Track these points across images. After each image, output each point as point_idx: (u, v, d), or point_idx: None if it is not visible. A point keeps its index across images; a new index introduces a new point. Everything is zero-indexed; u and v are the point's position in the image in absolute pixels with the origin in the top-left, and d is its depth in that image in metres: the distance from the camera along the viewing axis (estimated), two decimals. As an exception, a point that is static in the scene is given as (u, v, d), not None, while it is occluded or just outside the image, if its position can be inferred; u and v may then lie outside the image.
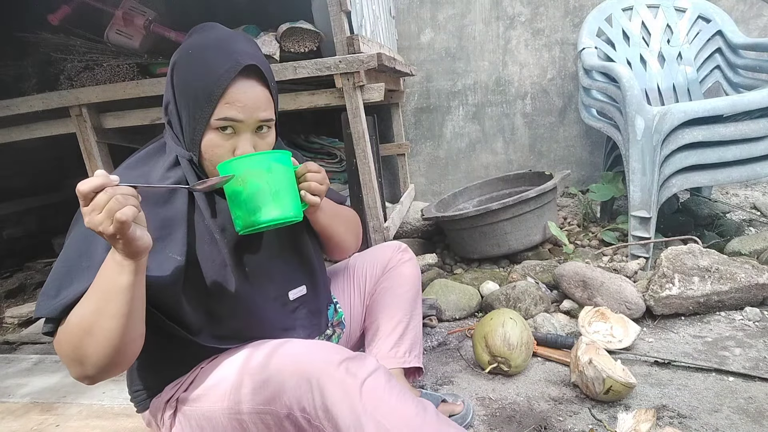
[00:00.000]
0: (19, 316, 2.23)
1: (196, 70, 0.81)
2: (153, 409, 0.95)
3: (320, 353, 0.82)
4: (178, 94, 0.83)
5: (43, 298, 0.77)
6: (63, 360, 0.78)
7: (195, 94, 0.81)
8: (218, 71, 0.80)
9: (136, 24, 2.17)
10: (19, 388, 1.48)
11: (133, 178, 0.82)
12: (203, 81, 0.80)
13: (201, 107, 0.81)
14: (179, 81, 0.83)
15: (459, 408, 1.24)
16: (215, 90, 0.80)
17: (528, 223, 2.13)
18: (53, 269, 0.79)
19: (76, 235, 0.80)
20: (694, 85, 2.55)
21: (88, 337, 0.71)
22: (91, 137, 1.97)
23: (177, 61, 0.84)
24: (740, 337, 1.50)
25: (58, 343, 0.77)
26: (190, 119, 0.83)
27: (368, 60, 1.65)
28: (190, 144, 0.84)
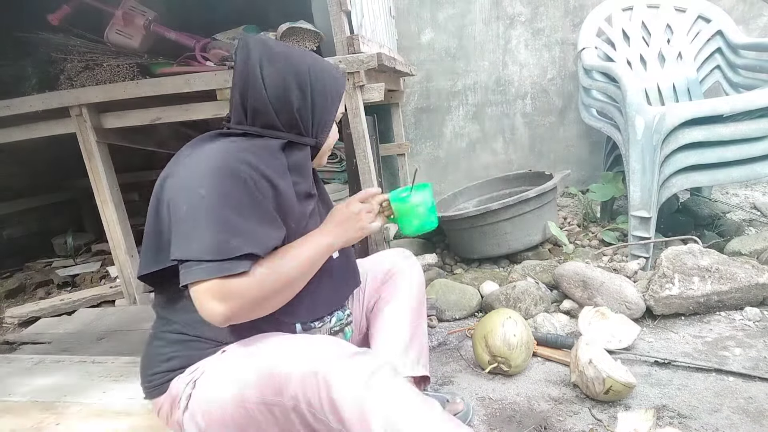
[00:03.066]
0: (19, 316, 2.23)
1: (327, 76, 1.02)
2: (174, 390, 0.95)
3: (328, 347, 0.84)
4: (315, 95, 1.00)
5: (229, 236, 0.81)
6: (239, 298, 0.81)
7: (330, 94, 1.03)
8: (339, 78, 1.06)
9: (136, 24, 2.17)
10: (19, 387, 1.48)
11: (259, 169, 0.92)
12: (334, 84, 1.04)
13: (334, 104, 1.04)
14: (317, 84, 1.00)
15: (461, 407, 1.24)
16: (341, 90, 1.06)
17: (528, 223, 2.13)
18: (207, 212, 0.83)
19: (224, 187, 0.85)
20: (694, 85, 2.55)
21: (288, 289, 0.89)
22: (91, 137, 1.97)
23: (310, 70, 0.99)
24: (740, 337, 1.50)
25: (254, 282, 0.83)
26: (324, 114, 1.03)
27: (368, 60, 1.65)
28: (321, 132, 1.04)
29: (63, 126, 2.01)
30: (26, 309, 2.28)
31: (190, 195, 0.84)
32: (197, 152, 0.91)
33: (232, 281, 0.81)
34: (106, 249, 2.92)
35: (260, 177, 0.90)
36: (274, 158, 0.96)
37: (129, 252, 2.11)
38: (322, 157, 1.11)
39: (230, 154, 0.89)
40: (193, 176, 0.86)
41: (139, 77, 2.04)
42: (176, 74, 1.94)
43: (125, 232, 2.10)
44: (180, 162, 0.92)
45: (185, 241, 0.82)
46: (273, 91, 0.96)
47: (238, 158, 0.89)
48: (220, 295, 0.80)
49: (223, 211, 0.83)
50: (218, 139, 0.96)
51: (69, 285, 2.68)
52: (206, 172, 0.86)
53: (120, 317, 2.06)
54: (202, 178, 0.85)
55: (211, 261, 0.80)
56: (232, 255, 0.80)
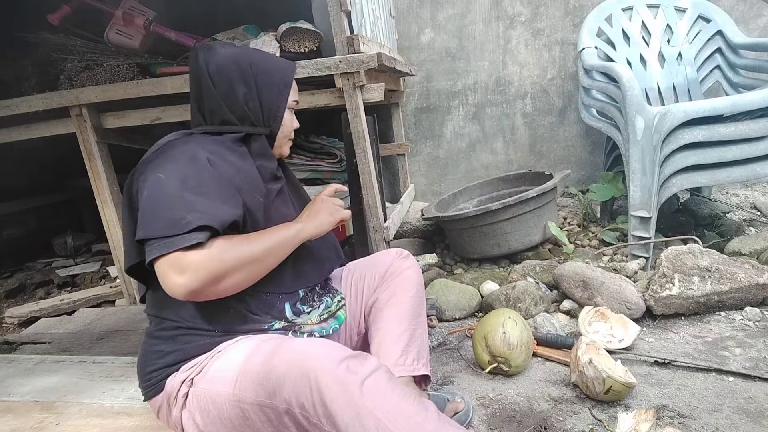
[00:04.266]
0: (19, 316, 2.23)
1: (272, 67, 1.09)
2: (169, 388, 0.96)
3: (321, 350, 0.83)
4: (260, 86, 1.07)
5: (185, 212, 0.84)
6: (197, 270, 0.83)
7: (276, 83, 1.09)
8: (287, 67, 1.12)
9: (136, 24, 2.17)
10: (20, 387, 1.48)
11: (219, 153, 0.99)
12: (281, 74, 1.10)
13: (282, 93, 1.10)
14: (261, 76, 1.07)
15: (461, 406, 1.25)
16: (289, 80, 1.11)
17: (528, 223, 2.13)
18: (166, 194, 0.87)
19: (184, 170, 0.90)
20: (694, 85, 2.55)
21: (251, 266, 0.91)
22: (91, 137, 1.97)
23: (252, 63, 1.06)
24: (740, 337, 1.50)
25: (213, 254, 0.85)
26: (272, 103, 1.08)
27: (368, 60, 1.65)
28: (273, 121, 1.10)
29: (63, 126, 2.01)
30: (26, 309, 2.28)
31: (153, 180, 0.89)
32: (161, 147, 0.98)
33: (190, 254, 0.83)
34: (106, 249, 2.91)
35: (221, 161, 0.97)
36: (234, 148, 1.03)
37: (129, 252, 2.11)
38: (282, 146, 1.16)
39: (191, 144, 0.97)
40: (156, 165, 0.92)
41: (139, 77, 2.04)
42: (176, 74, 1.94)
43: (125, 232, 2.10)
44: (145, 159, 0.97)
45: (147, 222, 0.86)
46: (221, 88, 1.03)
47: (199, 145, 0.96)
48: (179, 267, 0.82)
49: (181, 191, 0.87)
50: (180, 137, 1.01)
51: (69, 285, 2.68)
52: (166, 157, 0.93)
53: (120, 317, 2.06)
54: (164, 164, 0.91)
55: (168, 237, 0.83)
56: (186, 229, 0.83)
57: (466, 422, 1.22)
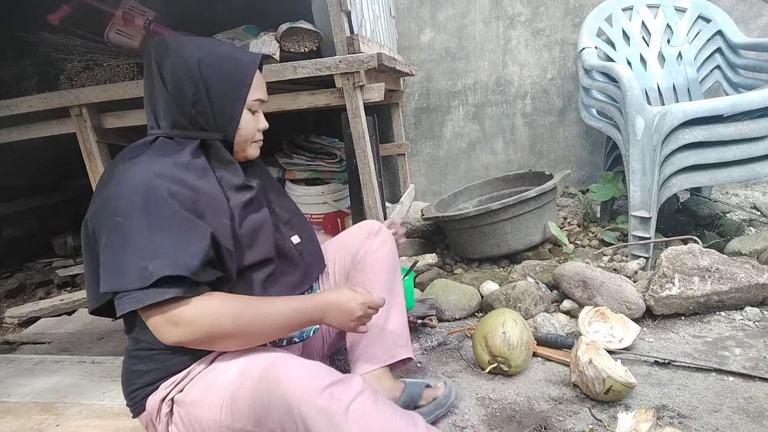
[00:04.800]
0: (19, 316, 2.23)
1: (226, 63, 0.96)
2: (150, 408, 0.95)
3: (304, 378, 0.81)
4: (210, 85, 0.94)
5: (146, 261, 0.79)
6: (192, 325, 0.81)
7: (231, 81, 0.96)
8: (245, 62, 0.98)
9: (136, 24, 2.17)
10: (20, 388, 1.48)
11: (175, 177, 0.89)
12: (236, 70, 0.97)
13: (238, 91, 0.97)
14: (211, 74, 0.94)
15: (440, 391, 1.24)
16: (248, 76, 0.98)
17: (528, 223, 2.13)
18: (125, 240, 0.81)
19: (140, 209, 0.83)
20: (694, 85, 2.55)
21: (248, 336, 0.87)
22: (91, 137, 1.97)
23: (201, 59, 0.94)
24: (740, 337, 1.50)
25: (209, 316, 0.82)
26: (226, 104, 0.96)
27: (368, 60, 1.64)
28: (227, 124, 0.97)
29: (63, 126, 2.01)
30: (26, 309, 2.28)
31: (109, 223, 0.84)
32: (113, 175, 0.89)
33: (184, 309, 0.81)
34: (106, 249, 2.91)
35: (178, 186, 0.87)
36: (191, 163, 0.93)
37: (129, 252, 2.11)
38: (246, 150, 1.04)
39: (143, 169, 0.87)
40: (110, 202, 0.85)
41: (139, 77, 2.04)
42: (176, 74, 1.94)
43: (125, 232, 2.10)
44: (99, 189, 0.91)
45: (109, 273, 0.82)
46: (170, 87, 0.93)
47: (152, 171, 0.86)
48: (173, 321, 0.81)
49: (139, 235, 0.82)
50: (131, 154, 0.93)
51: (69, 285, 2.68)
52: (120, 195, 0.84)
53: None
54: (117, 201, 0.84)
55: (137, 290, 0.79)
56: (150, 281, 0.79)
57: (447, 405, 1.22)
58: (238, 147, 1.02)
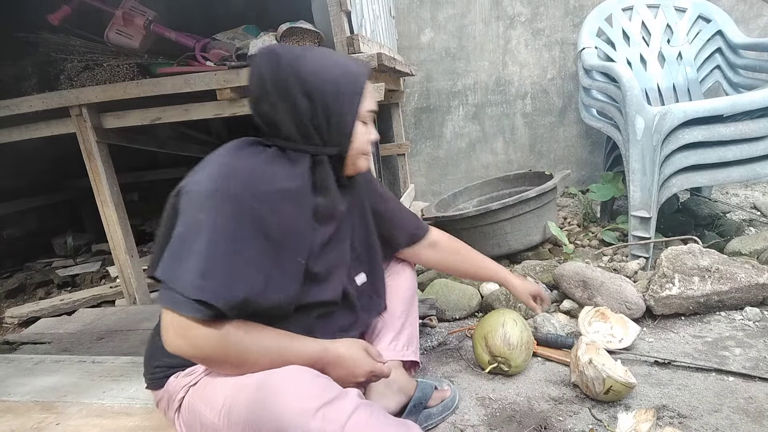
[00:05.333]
0: (19, 316, 2.23)
1: (339, 75, 0.93)
2: (171, 389, 0.96)
3: (298, 399, 0.79)
4: (326, 98, 0.92)
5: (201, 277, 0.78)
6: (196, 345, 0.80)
7: (345, 93, 0.93)
8: (357, 72, 0.96)
9: (136, 24, 2.17)
10: (20, 387, 1.48)
11: (273, 204, 0.88)
12: (349, 81, 0.94)
13: (352, 103, 0.94)
14: (326, 87, 0.92)
15: (447, 393, 1.30)
16: (359, 87, 0.95)
17: (528, 223, 2.13)
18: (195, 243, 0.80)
19: (224, 222, 0.82)
20: (694, 85, 2.55)
21: (247, 367, 0.85)
22: (91, 137, 1.97)
23: (316, 72, 0.91)
24: (740, 337, 1.50)
25: (215, 339, 0.81)
26: (341, 117, 0.94)
27: (368, 60, 1.65)
28: (342, 138, 0.96)
29: (63, 126, 2.01)
30: (26, 309, 2.28)
31: (191, 216, 0.83)
32: (217, 162, 0.88)
33: (198, 328, 0.80)
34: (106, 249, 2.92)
35: (270, 212, 0.86)
36: (294, 178, 0.92)
37: (129, 252, 2.11)
38: (356, 162, 1.02)
39: (244, 175, 0.86)
40: (202, 194, 0.84)
41: (139, 77, 2.04)
42: (176, 74, 1.94)
43: (125, 232, 2.10)
44: (197, 171, 0.89)
45: (169, 262, 0.82)
46: (282, 101, 0.91)
47: (252, 181, 0.86)
48: (180, 330, 0.80)
49: (210, 246, 0.81)
50: (244, 149, 0.93)
51: (69, 285, 2.68)
52: (213, 194, 0.83)
53: (120, 317, 2.06)
54: (206, 199, 0.83)
55: (176, 293, 0.79)
56: (192, 295, 0.78)
57: (452, 408, 1.28)
58: (350, 161, 1.00)
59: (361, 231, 1.15)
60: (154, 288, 2.37)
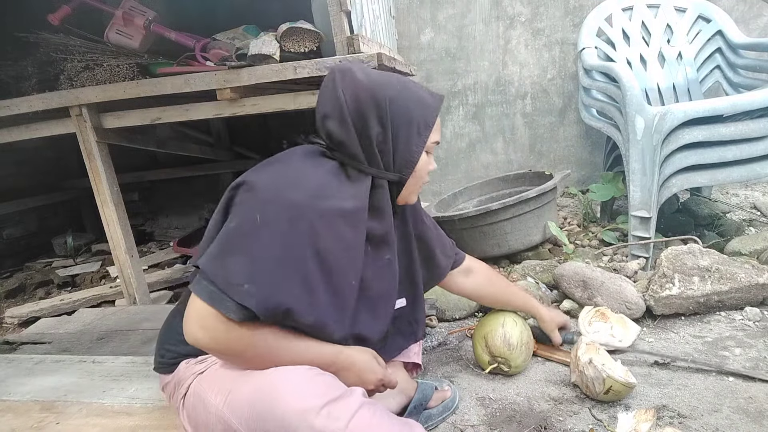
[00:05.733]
0: (19, 316, 2.23)
1: (414, 104, 0.95)
2: (181, 373, 0.97)
3: (302, 398, 0.80)
4: (398, 127, 0.94)
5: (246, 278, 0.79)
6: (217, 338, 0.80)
7: (417, 124, 0.95)
8: (431, 104, 0.97)
9: (136, 24, 2.17)
10: (20, 387, 1.48)
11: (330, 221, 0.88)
12: (422, 113, 0.96)
13: (421, 134, 0.96)
14: (400, 115, 0.93)
15: (448, 394, 1.30)
16: (431, 119, 0.97)
17: (528, 223, 2.13)
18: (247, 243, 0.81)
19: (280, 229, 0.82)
20: (694, 85, 2.55)
21: (260, 366, 0.85)
22: (91, 137, 1.97)
23: (392, 99, 0.93)
24: (740, 337, 1.50)
25: (236, 336, 0.81)
26: (409, 146, 0.95)
27: (368, 60, 1.64)
28: (405, 166, 0.97)
29: (63, 126, 2.01)
30: (26, 309, 2.28)
31: (248, 214, 0.83)
32: (283, 164, 0.89)
33: (222, 321, 0.79)
34: (106, 249, 2.92)
35: (326, 230, 0.86)
36: (355, 199, 0.91)
37: (129, 252, 2.11)
38: (411, 194, 1.03)
39: (309, 185, 0.86)
40: (263, 194, 0.84)
41: (139, 77, 2.04)
42: (176, 74, 1.94)
43: (125, 232, 2.10)
44: (262, 169, 0.89)
45: (214, 254, 0.82)
46: (355, 122, 0.91)
47: (314, 194, 0.86)
48: (205, 323, 0.80)
49: (263, 250, 0.81)
50: (312, 158, 0.93)
51: (69, 285, 2.68)
52: (275, 198, 0.83)
53: (120, 317, 2.06)
54: (268, 202, 0.83)
55: (216, 288, 0.79)
56: (235, 297, 0.78)
57: (453, 408, 1.28)
58: (407, 190, 1.01)
59: (405, 259, 1.14)
60: (153, 288, 2.37)
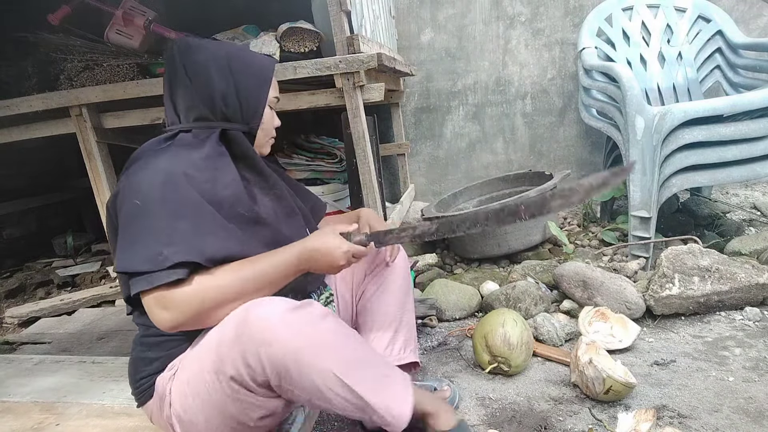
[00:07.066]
0: (19, 316, 2.23)
1: (251, 63, 1.03)
2: (159, 389, 0.97)
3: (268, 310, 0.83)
4: (239, 79, 1.00)
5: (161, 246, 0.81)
6: (180, 307, 0.82)
7: (256, 78, 1.03)
8: (266, 61, 1.06)
9: (136, 24, 2.17)
10: (20, 388, 1.48)
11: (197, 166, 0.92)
12: (260, 69, 1.04)
13: (262, 87, 1.03)
14: (240, 69, 1.00)
15: (447, 393, 1.28)
16: (268, 75, 1.05)
17: (528, 223, 2.13)
18: (142, 223, 0.84)
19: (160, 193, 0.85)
20: (694, 85, 2.55)
21: (236, 301, 0.86)
22: (91, 137, 1.97)
23: (230, 56, 1.00)
24: (740, 337, 1.50)
25: (196, 293, 0.83)
26: (252, 98, 1.02)
27: (368, 60, 1.64)
28: (252, 117, 1.03)
29: (63, 126, 2.01)
30: (26, 309, 2.28)
31: (128, 205, 0.86)
32: (136, 164, 0.93)
33: (173, 291, 0.82)
34: (106, 249, 2.92)
35: (197, 172, 0.91)
36: (213, 156, 0.96)
37: (129, 252, 2.11)
38: (263, 146, 1.10)
39: (166, 158, 0.91)
40: (131, 186, 0.87)
41: (139, 77, 2.04)
42: (176, 74, 1.94)
43: (125, 232, 2.10)
44: (121, 177, 0.93)
45: (123, 253, 0.84)
46: (197, 83, 0.97)
47: (174, 160, 0.91)
48: (162, 304, 0.82)
49: (156, 219, 0.84)
50: (153, 147, 0.97)
51: (69, 285, 2.68)
52: (142, 179, 0.87)
53: (120, 317, 2.06)
54: (138, 185, 0.87)
55: (146, 273, 0.81)
56: (164, 266, 0.81)
57: (452, 407, 1.25)
58: (258, 142, 1.07)
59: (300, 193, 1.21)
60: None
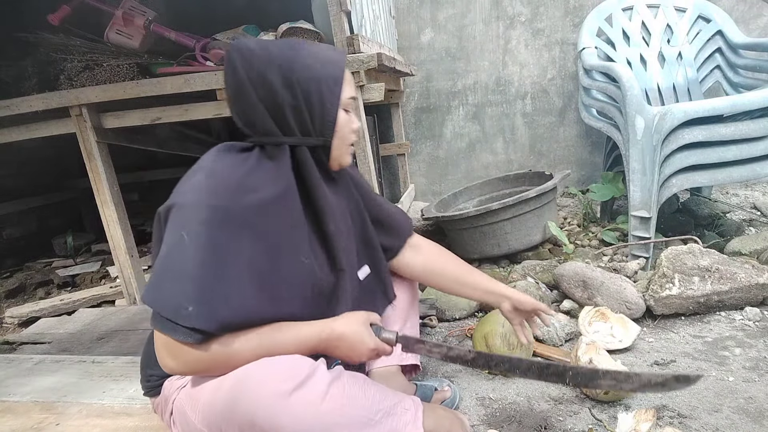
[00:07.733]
0: (19, 316, 2.23)
1: (315, 64, 0.90)
2: (166, 392, 0.98)
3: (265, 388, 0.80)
4: (306, 87, 0.88)
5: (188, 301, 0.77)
6: (186, 363, 0.81)
7: (325, 81, 0.90)
8: (335, 58, 0.92)
9: (136, 24, 2.17)
10: (20, 387, 1.48)
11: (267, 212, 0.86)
12: (327, 70, 0.90)
13: (332, 91, 0.90)
14: (305, 75, 0.88)
15: (448, 394, 1.28)
16: (339, 74, 0.91)
17: (528, 223, 2.13)
18: (180, 264, 0.79)
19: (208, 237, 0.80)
20: (694, 85, 2.55)
21: (242, 365, 0.82)
22: (91, 137, 1.97)
23: (293, 60, 0.88)
24: (740, 337, 1.50)
25: (205, 357, 0.81)
26: (323, 106, 0.90)
27: (368, 60, 1.65)
28: (325, 128, 0.92)
29: (63, 126, 2.01)
30: (26, 309, 2.28)
31: (174, 235, 0.80)
32: (202, 171, 0.86)
33: (186, 348, 0.80)
34: (106, 249, 2.92)
35: (261, 217, 0.84)
36: (278, 181, 0.88)
37: (129, 252, 2.11)
38: (342, 155, 0.97)
39: (229, 184, 0.84)
40: (186, 210, 0.82)
41: (139, 77, 2.04)
42: (176, 74, 1.94)
43: (125, 232, 2.10)
44: (184, 184, 0.87)
45: (153, 286, 0.81)
46: (262, 95, 0.87)
47: (236, 191, 0.83)
48: (173, 353, 0.81)
49: (195, 266, 0.78)
50: (226, 156, 0.90)
51: (69, 285, 2.68)
52: (197, 210, 0.81)
53: (120, 317, 2.06)
54: (191, 217, 0.81)
55: (164, 318, 0.78)
56: (185, 323, 0.77)
57: (453, 407, 1.27)
58: (336, 152, 0.96)
59: (358, 226, 1.10)
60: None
